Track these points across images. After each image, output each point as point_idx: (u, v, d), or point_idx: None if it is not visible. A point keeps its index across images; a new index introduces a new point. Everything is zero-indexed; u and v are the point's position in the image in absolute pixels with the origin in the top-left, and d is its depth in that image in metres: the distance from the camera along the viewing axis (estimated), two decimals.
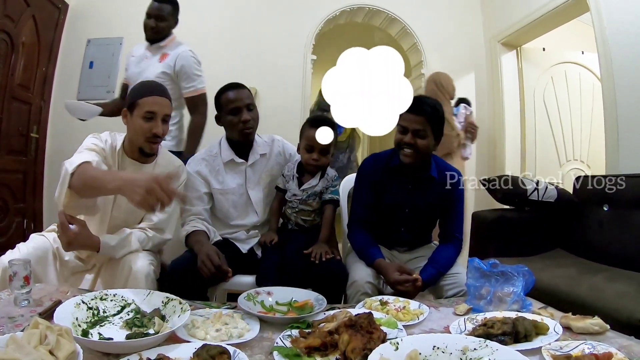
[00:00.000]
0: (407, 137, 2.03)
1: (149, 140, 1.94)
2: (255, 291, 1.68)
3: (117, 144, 1.99)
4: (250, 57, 4.18)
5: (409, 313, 1.53)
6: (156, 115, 1.92)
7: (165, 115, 1.96)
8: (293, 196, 2.25)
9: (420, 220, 2.20)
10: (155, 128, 1.91)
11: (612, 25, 3.13)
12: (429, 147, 2.05)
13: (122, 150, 1.99)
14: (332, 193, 2.25)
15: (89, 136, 1.98)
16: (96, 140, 1.95)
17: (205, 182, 2.27)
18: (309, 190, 2.23)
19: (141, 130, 1.91)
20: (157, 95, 1.94)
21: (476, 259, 1.71)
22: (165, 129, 1.98)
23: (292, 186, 2.25)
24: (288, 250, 2.11)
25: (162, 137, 1.98)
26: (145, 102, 1.91)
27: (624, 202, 2.52)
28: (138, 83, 2.08)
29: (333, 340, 1.18)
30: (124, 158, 1.99)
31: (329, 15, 4.28)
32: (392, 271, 1.92)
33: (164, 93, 1.99)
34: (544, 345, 1.20)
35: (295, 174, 2.27)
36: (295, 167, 2.29)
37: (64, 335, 1.00)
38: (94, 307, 1.34)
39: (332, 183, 2.26)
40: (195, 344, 1.14)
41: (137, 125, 1.91)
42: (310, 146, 2.20)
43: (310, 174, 2.26)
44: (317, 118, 2.35)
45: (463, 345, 1.12)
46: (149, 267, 1.85)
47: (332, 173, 2.30)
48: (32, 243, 1.85)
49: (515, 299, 1.57)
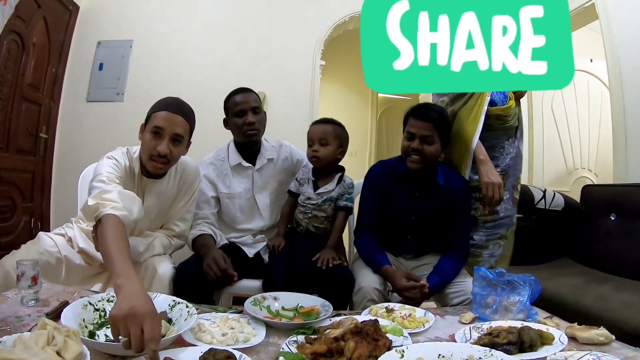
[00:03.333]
0: (415, 143, 2.03)
1: (153, 158, 1.83)
2: (262, 296, 1.68)
3: (135, 166, 1.91)
4: (259, 62, 4.19)
5: (414, 321, 1.53)
6: (164, 131, 1.81)
7: (176, 135, 1.83)
8: (307, 200, 2.24)
9: (426, 228, 2.19)
10: (160, 145, 1.80)
11: (621, 33, 3.12)
12: (436, 154, 2.06)
13: (141, 173, 1.93)
14: (346, 200, 2.24)
15: (105, 159, 1.84)
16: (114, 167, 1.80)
17: (213, 185, 2.28)
18: (324, 195, 2.22)
19: (147, 146, 1.83)
20: (170, 112, 1.83)
21: (482, 267, 1.70)
22: (175, 151, 1.85)
23: (307, 189, 2.25)
24: (295, 256, 2.11)
25: (168, 158, 1.84)
26: (156, 117, 1.83)
27: (631, 211, 2.51)
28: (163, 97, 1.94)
29: (339, 346, 1.17)
30: (141, 179, 1.94)
31: (339, 20, 4.28)
32: (399, 277, 1.91)
33: (180, 111, 1.86)
34: (549, 355, 1.20)
35: (312, 177, 2.26)
36: (310, 170, 2.29)
37: (71, 336, 1.00)
38: (101, 309, 1.34)
39: (347, 190, 2.25)
40: (202, 348, 1.14)
41: (145, 141, 1.84)
42: (310, 139, 2.23)
43: (325, 176, 2.26)
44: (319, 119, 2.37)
45: (468, 354, 1.12)
46: (172, 270, 1.86)
47: (349, 180, 2.29)
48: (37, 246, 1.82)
49: (521, 308, 1.57)
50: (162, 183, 1.99)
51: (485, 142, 2.26)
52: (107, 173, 1.74)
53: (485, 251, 2.39)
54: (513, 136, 2.40)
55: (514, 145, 2.40)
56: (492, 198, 2.20)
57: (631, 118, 3.03)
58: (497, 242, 2.40)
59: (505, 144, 2.36)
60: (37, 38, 3.63)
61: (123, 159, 1.88)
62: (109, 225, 1.48)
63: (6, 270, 1.66)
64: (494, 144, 2.32)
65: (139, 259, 1.87)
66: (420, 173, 2.10)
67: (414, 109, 2.10)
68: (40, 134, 3.85)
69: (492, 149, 2.31)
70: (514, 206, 2.45)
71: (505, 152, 2.37)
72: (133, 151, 1.96)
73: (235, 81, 2.54)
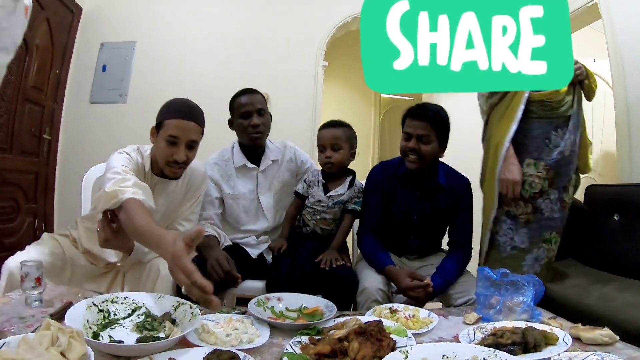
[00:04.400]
0: (411, 143, 2.03)
1: (170, 165, 1.86)
2: (266, 297, 1.68)
3: (146, 164, 1.94)
4: (261, 63, 4.20)
5: (418, 321, 1.52)
6: (179, 140, 1.83)
7: (191, 141, 1.87)
8: (317, 202, 2.23)
9: (428, 228, 2.20)
10: (177, 154, 1.83)
11: (624, 33, 3.11)
12: (433, 153, 2.06)
13: (151, 171, 1.95)
14: (355, 204, 2.23)
15: (117, 154, 1.86)
16: (127, 161, 1.84)
17: (217, 186, 2.28)
18: (335, 198, 2.22)
19: (163, 153, 1.85)
20: (184, 119, 1.84)
21: (486, 268, 1.70)
22: (190, 156, 1.89)
23: (317, 192, 2.24)
24: (299, 257, 2.11)
25: (184, 163, 1.88)
26: (170, 125, 1.83)
27: (635, 211, 2.49)
28: (171, 100, 1.95)
29: (343, 347, 1.17)
30: (152, 177, 1.96)
31: (342, 21, 4.28)
32: (403, 277, 1.92)
33: (192, 117, 1.87)
34: (553, 356, 1.20)
35: (322, 180, 2.26)
36: (320, 173, 2.28)
37: (75, 337, 1.00)
38: (105, 310, 1.34)
39: (357, 194, 2.24)
40: (206, 349, 1.14)
41: (160, 148, 1.86)
42: (321, 145, 2.22)
43: (336, 179, 2.25)
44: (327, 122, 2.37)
45: (472, 354, 1.12)
46: None
47: (360, 184, 2.28)
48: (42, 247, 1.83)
49: (525, 308, 1.57)
50: (171, 184, 2.00)
51: (527, 132, 2.17)
52: (122, 166, 1.77)
53: (528, 255, 2.29)
54: (563, 127, 2.21)
55: (565, 139, 2.20)
56: (505, 196, 2.18)
57: (635, 118, 3.01)
58: (541, 245, 2.29)
59: (552, 135, 2.21)
60: (40, 40, 3.64)
61: (135, 155, 1.91)
62: (136, 205, 1.58)
63: (10, 271, 1.67)
64: (536, 134, 2.20)
65: (143, 259, 1.87)
66: (420, 173, 2.10)
67: (410, 109, 2.10)
68: (44, 136, 3.87)
69: (533, 140, 2.20)
70: (562, 209, 2.30)
71: (553, 144, 2.21)
72: (144, 149, 1.98)
73: (238, 82, 2.54)
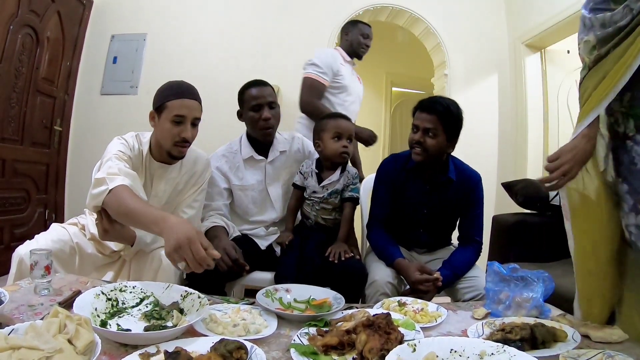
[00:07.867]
0: (417, 135, 2.02)
1: (178, 144, 1.88)
2: (274, 288, 1.68)
3: (144, 149, 1.95)
4: (272, 55, 4.19)
5: (427, 315, 1.51)
6: (185, 119, 1.85)
7: (195, 119, 1.89)
8: (313, 193, 2.23)
9: (438, 222, 2.18)
10: (184, 132, 1.85)
11: None
12: (439, 147, 2.03)
13: (149, 155, 1.96)
14: (352, 191, 2.22)
15: (114, 140, 1.91)
16: (123, 146, 1.87)
17: (225, 178, 2.28)
18: (329, 187, 2.21)
19: (170, 134, 1.86)
20: (186, 98, 1.86)
21: (496, 263, 1.69)
22: (194, 133, 1.92)
23: (312, 183, 2.23)
24: (307, 248, 2.10)
25: (190, 141, 1.91)
26: (174, 105, 1.84)
27: None
28: (166, 84, 1.95)
29: (350, 339, 1.17)
30: (151, 162, 1.97)
31: (353, 14, 4.26)
32: (413, 270, 1.91)
33: (194, 95, 1.90)
34: (562, 353, 1.18)
35: (315, 170, 2.25)
36: (314, 163, 2.27)
37: (83, 325, 1.00)
38: (113, 298, 1.35)
39: (352, 181, 2.23)
40: (213, 338, 1.14)
41: (166, 129, 1.86)
42: (338, 134, 2.19)
43: (330, 169, 2.24)
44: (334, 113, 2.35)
45: (480, 349, 1.11)
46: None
47: (353, 171, 2.27)
48: (51, 235, 1.84)
49: (534, 304, 1.55)
50: (172, 170, 2.00)
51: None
52: (117, 151, 1.82)
53: None
54: None
55: None
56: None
57: None
58: None
59: None
60: (51, 32, 3.67)
61: (132, 141, 1.93)
62: (123, 191, 1.61)
63: (20, 259, 1.68)
64: None
65: (146, 249, 1.88)
66: (430, 166, 2.08)
67: (421, 102, 2.08)
68: (55, 127, 3.90)
69: None
70: None
71: None
72: (144, 135, 2.00)
73: (249, 74, 2.53)
